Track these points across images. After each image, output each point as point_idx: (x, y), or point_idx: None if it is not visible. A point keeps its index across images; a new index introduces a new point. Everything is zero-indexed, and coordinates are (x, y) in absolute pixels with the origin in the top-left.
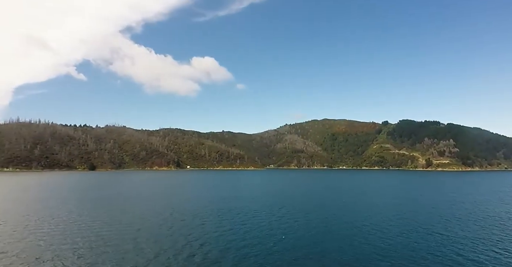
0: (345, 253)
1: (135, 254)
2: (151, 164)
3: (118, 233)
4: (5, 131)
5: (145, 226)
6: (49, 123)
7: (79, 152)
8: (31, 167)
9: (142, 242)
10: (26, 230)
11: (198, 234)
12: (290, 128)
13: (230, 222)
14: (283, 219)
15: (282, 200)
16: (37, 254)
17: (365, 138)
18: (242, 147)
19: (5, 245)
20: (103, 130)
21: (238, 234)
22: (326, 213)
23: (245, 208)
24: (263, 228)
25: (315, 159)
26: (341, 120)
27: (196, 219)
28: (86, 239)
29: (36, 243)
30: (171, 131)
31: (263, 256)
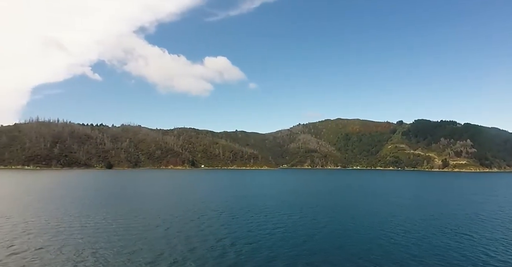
0: (375, 253)
1: (169, 251)
2: (166, 163)
3: (150, 229)
4: (26, 130)
5: (174, 224)
6: (67, 123)
7: (97, 151)
8: (51, 165)
9: (173, 240)
10: (63, 226)
11: (226, 232)
12: (303, 128)
13: (256, 220)
14: (307, 218)
15: (305, 199)
16: (77, 249)
17: (379, 137)
18: (255, 146)
19: (46, 240)
20: (119, 130)
21: (266, 232)
22: (350, 212)
23: (269, 206)
24: (290, 226)
25: (329, 158)
26: (355, 120)
27: (223, 216)
28: (121, 236)
29: (75, 237)
30: (185, 130)
31: (295, 254)
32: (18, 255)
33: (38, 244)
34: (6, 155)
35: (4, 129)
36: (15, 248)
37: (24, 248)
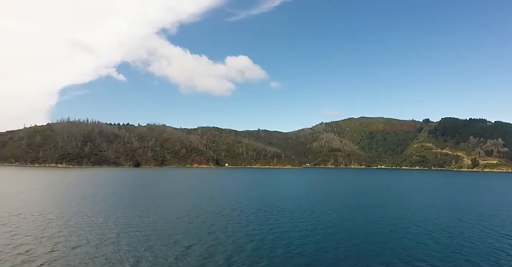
0: (416, 253)
1: (200, 247)
2: (191, 161)
3: (185, 225)
4: (58, 129)
5: (210, 221)
6: (96, 122)
7: (125, 149)
8: (82, 163)
9: (206, 236)
10: (107, 221)
11: (274, 230)
12: (326, 127)
13: (290, 218)
14: (341, 218)
15: (336, 199)
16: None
17: (404, 136)
18: (278, 145)
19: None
20: (145, 129)
21: (304, 231)
22: (386, 212)
23: (301, 205)
24: (325, 225)
25: (353, 158)
26: (379, 118)
27: (257, 214)
28: (157, 232)
29: (129, 232)
30: (209, 129)
31: (339, 252)
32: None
33: (77, 238)
34: (40, 153)
35: (38, 129)
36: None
37: (70, 243)
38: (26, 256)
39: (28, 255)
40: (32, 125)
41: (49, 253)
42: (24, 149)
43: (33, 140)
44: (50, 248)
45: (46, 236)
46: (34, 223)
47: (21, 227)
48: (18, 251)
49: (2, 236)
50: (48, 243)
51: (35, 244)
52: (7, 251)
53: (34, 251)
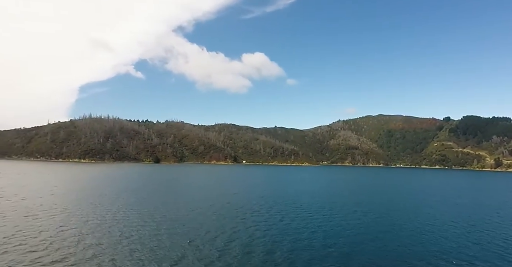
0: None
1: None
2: (209, 158)
3: (214, 220)
4: (80, 126)
5: (236, 217)
6: (116, 119)
7: (145, 146)
8: (104, 159)
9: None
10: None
11: (306, 227)
12: (343, 124)
13: (316, 217)
14: (369, 217)
15: (363, 198)
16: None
17: (424, 135)
18: (294, 142)
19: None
20: (163, 126)
21: (334, 231)
22: (420, 212)
23: (331, 204)
24: (358, 225)
25: (370, 156)
26: (397, 116)
27: (298, 212)
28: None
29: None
30: (226, 126)
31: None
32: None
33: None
34: (64, 149)
35: (61, 125)
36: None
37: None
38: (74, 248)
39: (76, 247)
40: (56, 122)
41: (97, 245)
42: (48, 144)
43: (57, 136)
44: (96, 240)
45: (91, 229)
46: (77, 217)
47: (66, 220)
48: (67, 243)
49: (50, 228)
50: (96, 235)
51: (81, 236)
52: (58, 242)
53: (81, 243)
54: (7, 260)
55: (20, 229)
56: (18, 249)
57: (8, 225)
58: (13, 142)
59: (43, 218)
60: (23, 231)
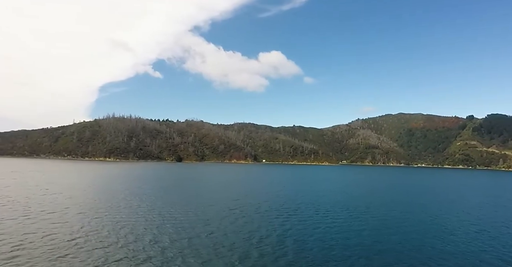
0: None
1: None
2: (230, 157)
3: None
4: (104, 125)
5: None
6: (138, 118)
7: (167, 145)
8: (128, 158)
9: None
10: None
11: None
12: (363, 123)
13: (351, 217)
14: (405, 217)
15: (393, 197)
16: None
17: (446, 133)
18: (313, 141)
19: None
20: (183, 125)
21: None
22: (461, 214)
23: (357, 203)
24: (387, 225)
25: (391, 155)
26: (418, 115)
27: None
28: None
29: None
30: (245, 125)
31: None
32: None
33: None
34: (90, 147)
35: (87, 125)
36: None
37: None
38: (149, 247)
39: (148, 245)
40: (81, 121)
41: (135, 242)
42: (75, 143)
43: (82, 135)
44: (134, 237)
45: (128, 226)
46: (114, 214)
47: (104, 218)
48: (110, 239)
49: (92, 225)
50: (136, 232)
51: (120, 233)
52: (99, 239)
53: (150, 240)
54: (85, 257)
55: (78, 227)
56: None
57: (67, 222)
58: (41, 141)
59: (101, 215)
60: (83, 229)
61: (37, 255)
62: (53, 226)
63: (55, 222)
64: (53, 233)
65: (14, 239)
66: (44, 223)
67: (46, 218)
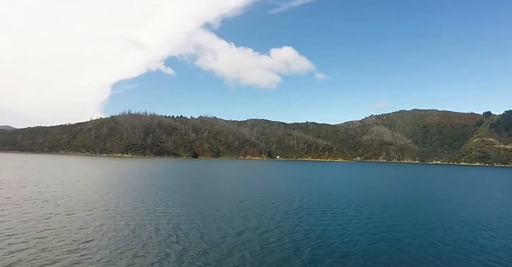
0: None
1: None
2: (244, 153)
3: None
4: (121, 122)
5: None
6: (154, 115)
7: (182, 141)
8: (145, 154)
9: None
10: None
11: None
12: (376, 119)
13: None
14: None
15: (420, 195)
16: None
17: (462, 130)
18: (326, 138)
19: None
20: (197, 121)
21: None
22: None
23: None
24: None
25: (406, 152)
26: (433, 111)
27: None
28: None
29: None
30: (258, 122)
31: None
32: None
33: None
34: (108, 144)
35: (104, 121)
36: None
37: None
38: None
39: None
40: (98, 118)
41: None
42: (93, 139)
43: (100, 131)
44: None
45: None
46: (160, 210)
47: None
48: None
49: (148, 219)
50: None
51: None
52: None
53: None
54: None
55: (111, 223)
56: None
57: (97, 220)
58: (59, 137)
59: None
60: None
61: (103, 248)
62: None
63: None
64: (111, 229)
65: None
66: (91, 218)
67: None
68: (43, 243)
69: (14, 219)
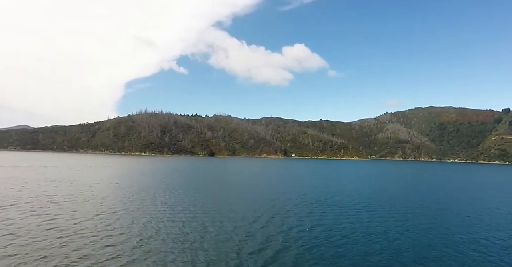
0: None
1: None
2: (260, 151)
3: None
4: (138, 121)
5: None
6: (170, 113)
7: (199, 139)
8: (163, 152)
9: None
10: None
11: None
12: (391, 117)
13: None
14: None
15: (469, 193)
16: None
17: (480, 128)
18: (341, 135)
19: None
20: (212, 120)
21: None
22: None
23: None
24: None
25: (422, 150)
26: (449, 108)
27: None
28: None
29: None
30: (272, 120)
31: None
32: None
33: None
34: (126, 142)
35: (121, 120)
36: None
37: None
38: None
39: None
40: (116, 117)
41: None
42: (111, 138)
43: (118, 130)
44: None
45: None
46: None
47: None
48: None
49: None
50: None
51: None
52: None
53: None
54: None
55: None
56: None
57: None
58: (79, 136)
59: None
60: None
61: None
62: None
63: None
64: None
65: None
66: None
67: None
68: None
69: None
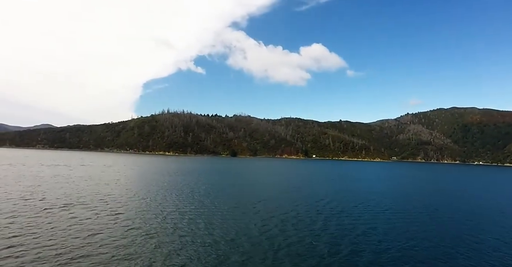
0: None
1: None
2: (281, 152)
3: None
4: (161, 120)
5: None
6: (191, 113)
7: (221, 140)
8: (186, 152)
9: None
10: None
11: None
12: (413, 118)
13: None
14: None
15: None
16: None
17: (507, 129)
18: (361, 136)
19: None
20: (232, 120)
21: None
22: None
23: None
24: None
25: (445, 152)
26: (473, 109)
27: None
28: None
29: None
30: (292, 120)
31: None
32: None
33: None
34: (150, 142)
35: (145, 120)
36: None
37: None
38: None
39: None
40: (139, 117)
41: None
42: (136, 138)
43: (142, 130)
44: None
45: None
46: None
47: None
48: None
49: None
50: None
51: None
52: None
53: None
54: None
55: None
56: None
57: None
58: (104, 135)
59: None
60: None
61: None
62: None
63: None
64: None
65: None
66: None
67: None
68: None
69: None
